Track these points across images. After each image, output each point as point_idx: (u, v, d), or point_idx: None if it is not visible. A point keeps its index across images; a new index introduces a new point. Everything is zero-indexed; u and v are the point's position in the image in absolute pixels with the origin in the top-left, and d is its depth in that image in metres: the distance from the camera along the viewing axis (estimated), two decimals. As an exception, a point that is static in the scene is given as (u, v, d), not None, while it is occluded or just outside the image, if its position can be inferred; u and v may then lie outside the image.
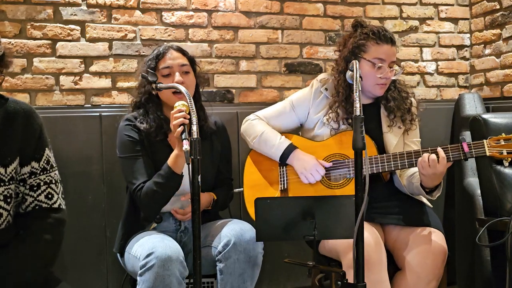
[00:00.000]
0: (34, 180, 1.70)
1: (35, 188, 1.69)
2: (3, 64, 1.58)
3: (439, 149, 2.05)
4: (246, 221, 2.20)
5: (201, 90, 2.39)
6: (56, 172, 1.76)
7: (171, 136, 2.21)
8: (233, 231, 2.07)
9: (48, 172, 1.72)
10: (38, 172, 1.70)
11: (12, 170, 1.64)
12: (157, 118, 2.19)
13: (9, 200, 1.65)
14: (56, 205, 1.71)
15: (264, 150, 2.33)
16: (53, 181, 1.73)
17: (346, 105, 2.24)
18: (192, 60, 2.28)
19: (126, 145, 2.18)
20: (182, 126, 1.87)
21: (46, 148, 1.73)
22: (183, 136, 1.83)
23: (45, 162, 1.72)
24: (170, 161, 2.07)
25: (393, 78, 2.24)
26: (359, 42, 2.22)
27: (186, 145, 1.73)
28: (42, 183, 1.70)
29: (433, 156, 2.02)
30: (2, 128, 1.64)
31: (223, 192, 2.35)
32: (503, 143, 2.04)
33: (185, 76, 2.19)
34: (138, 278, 1.96)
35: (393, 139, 2.25)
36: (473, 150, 2.06)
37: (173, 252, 1.94)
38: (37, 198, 1.69)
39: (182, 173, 2.08)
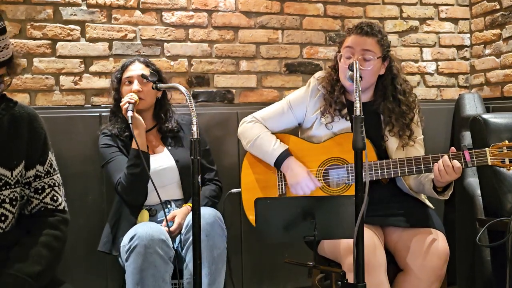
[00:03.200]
0: (38, 183, 1.72)
1: (39, 191, 1.72)
2: (11, 67, 1.58)
3: (454, 161, 2.00)
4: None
5: (169, 96, 2.57)
6: (58, 175, 1.78)
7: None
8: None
9: (51, 175, 1.75)
10: (43, 175, 1.73)
11: (18, 174, 1.66)
12: (122, 118, 2.38)
13: (14, 203, 1.67)
14: (61, 207, 1.74)
15: (258, 155, 2.32)
16: (56, 184, 1.75)
17: (334, 97, 2.24)
18: (156, 71, 2.39)
19: (103, 152, 2.38)
20: (127, 104, 2.22)
21: (50, 152, 1.76)
22: (128, 108, 2.21)
23: (49, 165, 1.74)
24: (133, 144, 2.25)
25: (365, 68, 2.15)
26: (342, 38, 2.28)
27: (130, 113, 2.19)
28: (46, 186, 1.73)
29: (450, 168, 1.99)
30: (8, 132, 1.65)
31: (203, 196, 2.39)
32: (505, 151, 2.00)
33: (144, 85, 2.36)
34: (125, 264, 2.04)
35: (394, 142, 2.23)
36: (474, 159, 2.02)
37: (154, 232, 2.02)
38: (43, 201, 1.72)
39: (148, 153, 2.28)
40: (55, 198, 1.74)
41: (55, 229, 1.69)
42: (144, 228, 2.05)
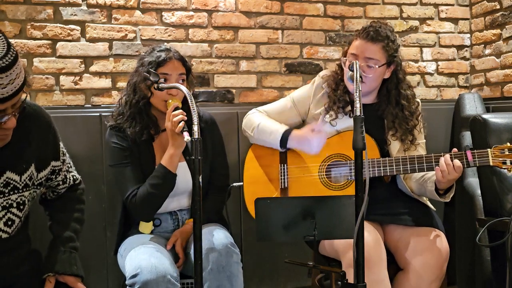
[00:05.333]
0: (61, 175, 1.85)
1: (64, 180, 1.89)
2: (27, 84, 1.57)
3: (455, 161, 2.01)
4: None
5: (191, 92, 2.37)
6: (67, 154, 1.91)
7: (156, 140, 2.25)
8: (206, 240, 2.00)
9: (65, 162, 1.86)
10: (61, 166, 1.83)
11: (27, 177, 1.66)
12: (145, 118, 2.20)
13: (22, 207, 1.67)
14: (78, 181, 1.96)
15: (263, 138, 2.31)
16: (70, 165, 1.93)
17: (337, 95, 2.26)
18: (189, 70, 2.28)
19: (115, 152, 2.19)
20: (182, 122, 1.98)
21: (60, 142, 1.83)
22: (184, 129, 1.96)
23: (62, 154, 1.84)
24: (164, 161, 2.10)
25: (367, 75, 2.16)
26: (350, 39, 2.28)
27: (187, 136, 1.86)
28: (66, 173, 1.89)
29: (450, 162, 2.00)
30: (17, 135, 1.64)
31: (209, 206, 2.27)
32: (507, 152, 2.02)
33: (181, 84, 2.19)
34: None
35: (396, 146, 2.24)
36: (476, 159, 2.03)
37: (158, 274, 1.88)
38: (68, 185, 1.92)
39: (176, 173, 2.10)
40: (74, 177, 1.94)
41: (81, 203, 1.94)
42: (147, 269, 1.89)
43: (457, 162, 2.01)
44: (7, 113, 1.49)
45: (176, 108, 2.04)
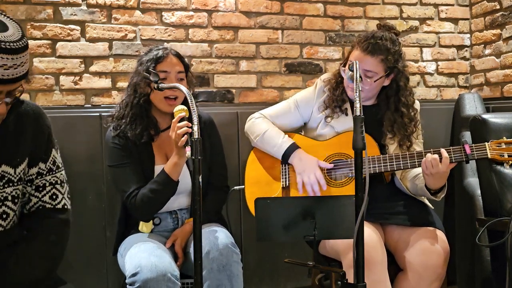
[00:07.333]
0: (40, 181, 1.71)
1: (40, 189, 1.70)
2: (28, 79, 1.55)
3: (442, 150, 2.06)
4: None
5: (191, 92, 2.36)
6: (63, 172, 1.77)
7: (156, 140, 2.24)
8: (207, 239, 2.00)
9: (54, 172, 1.73)
10: (44, 172, 1.71)
11: (21, 171, 1.66)
12: (145, 120, 2.20)
13: (16, 200, 1.66)
14: (60, 206, 1.72)
15: (266, 148, 2.33)
16: (59, 182, 1.74)
17: (336, 93, 2.28)
18: (187, 67, 2.28)
19: (114, 153, 2.19)
20: (186, 135, 1.91)
21: (53, 149, 1.75)
22: (187, 143, 1.83)
23: (51, 163, 1.73)
24: (167, 168, 2.08)
25: (364, 86, 2.17)
26: (352, 42, 2.28)
27: (189, 152, 1.69)
28: (47, 184, 1.71)
29: (436, 156, 2.03)
30: (13, 130, 1.64)
31: (209, 206, 2.26)
32: (504, 146, 2.06)
33: (180, 82, 2.19)
34: None
35: (394, 151, 2.25)
36: (475, 152, 2.07)
37: (159, 273, 1.88)
38: (42, 199, 1.70)
39: (178, 180, 2.10)
40: (54, 196, 1.71)
41: (53, 234, 1.68)
42: (147, 267, 1.89)
43: (434, 155, 2.03)
44: (0, 97, 1.48)
45: (182, 119, 1.97)
